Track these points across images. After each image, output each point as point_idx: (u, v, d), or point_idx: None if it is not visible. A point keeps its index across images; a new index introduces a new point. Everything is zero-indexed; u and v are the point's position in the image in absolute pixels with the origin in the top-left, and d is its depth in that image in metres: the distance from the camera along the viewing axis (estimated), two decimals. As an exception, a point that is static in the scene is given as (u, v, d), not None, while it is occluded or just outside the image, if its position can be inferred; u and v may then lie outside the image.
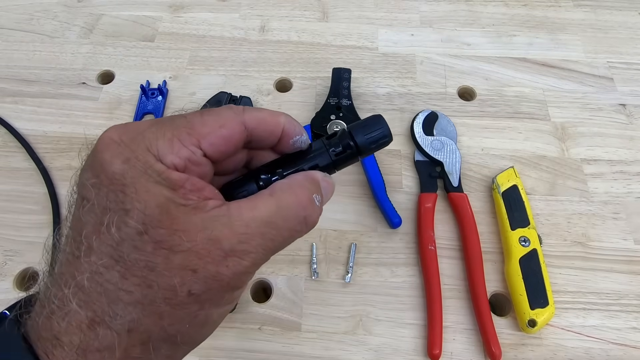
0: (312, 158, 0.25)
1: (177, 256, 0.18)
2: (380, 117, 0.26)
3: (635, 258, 0.47)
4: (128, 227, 0.18)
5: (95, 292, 0.18)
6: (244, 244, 0.20)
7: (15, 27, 0.65)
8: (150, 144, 0.20)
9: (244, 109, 0.23)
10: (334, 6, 0.68)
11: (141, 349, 0.19)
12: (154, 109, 0.56)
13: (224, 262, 0.19)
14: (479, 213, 0.49)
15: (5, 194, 0.51)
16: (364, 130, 0.25)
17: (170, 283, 0.18)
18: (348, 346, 0.42)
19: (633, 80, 0.59)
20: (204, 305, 0.19)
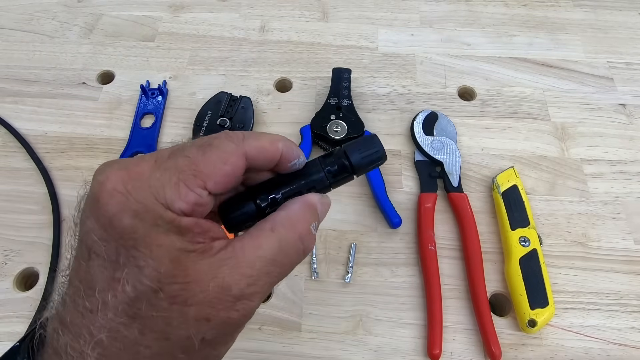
0: (308, 178, 0.25)
1: (192, 309, 0.19)
2: (376, 137, 0.26)
3: (635, 258, 0.47)
4: (143, 286, 0.18)
5: (114, 348, 0.18)
6: (252, 286, 0.20)
7: (15, 27, 0.65)
8: (157, 192, 0.19)
9: (244, 137, 0.23)
10: (334, 6, 0.68)
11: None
12: (154, 109, 0.56)
13: (234, 307, 0.19)
14: (479, 213, 0.49)
15: (5, 194, 0.51)
16: (360, 151, 0.25)
17: (187, 334, 0.19)
18: (348, 346, 0.42)
19: (633, 80, 0.59)
20: (216, 347, 0.20)
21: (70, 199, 0.50)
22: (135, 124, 0.55)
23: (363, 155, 0.25)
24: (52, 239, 0.47)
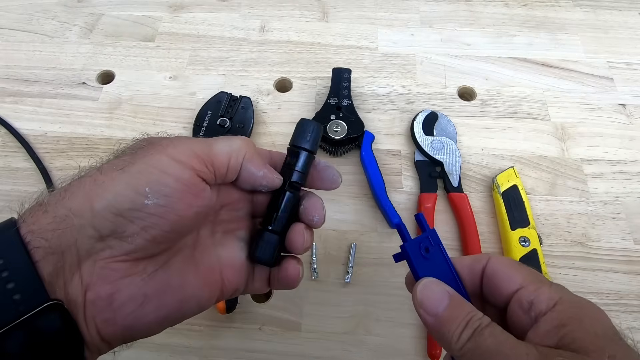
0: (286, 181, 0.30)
1: (143, 140, 0.27)
2: (300, 120, 0.32)
3: (635, 258, 0.47)
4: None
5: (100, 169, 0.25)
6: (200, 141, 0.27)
7: (15, 27, 0.65)
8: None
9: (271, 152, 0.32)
10: (334, 6, 0.68)
11: (77, 178, 0.24)
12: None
13: (170, 140, 0.26)
14: (479, 213, 0.49)
15: (5, 194, 0.51)
16: (301, 136, 0.31)
17: (126, 148, 0.25)
18: (348, 346, 0.42)
19: (633, 80, 0.59)
20: (136, 158, 0.24)
21: (70, 199, 0.50)
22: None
23: (304, 137, 0.31)
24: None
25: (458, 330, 0.23)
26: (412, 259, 0.27)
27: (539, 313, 0.23)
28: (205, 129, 0.53)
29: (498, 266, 0.26)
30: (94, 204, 0.22)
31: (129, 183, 0.22)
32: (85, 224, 0.22)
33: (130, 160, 0.23)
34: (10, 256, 0.21)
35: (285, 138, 0.55)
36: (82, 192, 0.22)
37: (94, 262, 0.23)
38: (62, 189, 0.23)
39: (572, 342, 0.21)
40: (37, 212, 0.22)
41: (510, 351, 0.21)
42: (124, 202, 0.22)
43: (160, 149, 0.24)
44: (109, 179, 0.22)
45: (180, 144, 0.25)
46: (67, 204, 0.22)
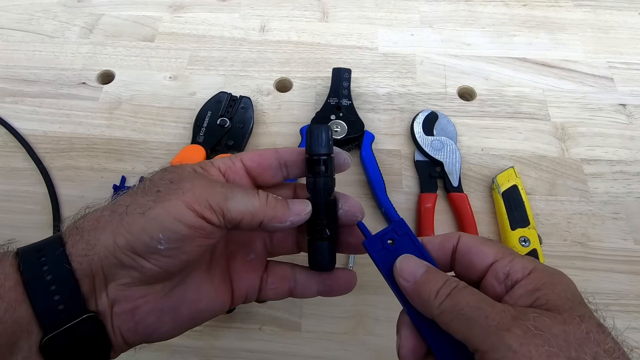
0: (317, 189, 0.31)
1: (168, 174, 0.27)
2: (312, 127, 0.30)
3: (635, 258, 0.47)
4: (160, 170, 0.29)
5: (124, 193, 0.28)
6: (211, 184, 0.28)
7: (15, 27, 0.65)
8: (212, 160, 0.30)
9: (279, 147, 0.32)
10: (334, 6, 0.68)
11: (108, 214, 0.26)
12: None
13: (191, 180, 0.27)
14: (479, 213, 0.49)
15: (5, 194, 0.51)
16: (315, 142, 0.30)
17: (153, 183, 0.27)
18: (348, 346, 0.42)
19: (633, 80, 0.59)
20: (157, 200, 0.26)
21: (70, 199, 0.50)
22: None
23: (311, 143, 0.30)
24: (52, 239, 0.47)
25: (436, 288, 0.25)
26: (371, 254, 0.29)
27: (514, 281, 0.25)
28: (205, 129, 0.53)
29: (471, 242, 0.27)
30: (117, 241, 0.25)
31: (145, 228, 0.25)
32: (110, 255, 0.25)
33: (152, 203, 0.26)
34: (59, 273, 0.25)
35: (285, 138, 0.55)
36: (110, 228, 0.25)
37: (117, 284, 0.26)
38: (95, 217, 0.26)
39: (546, 302, 0.23)
40: (74, 236, 0.26)
41: (489, 307, 0.23)
42: (140, 245, 0.25)
43: (179, 194, 0.26)
44: (131, 220, 0.25)
45: (198, 190, 0.26)
46: (98, 235, 0.25)
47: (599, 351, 0.21)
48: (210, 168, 0.29)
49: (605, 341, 0.21)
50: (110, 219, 0.26)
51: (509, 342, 0.21)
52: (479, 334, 0.22)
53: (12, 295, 0.24)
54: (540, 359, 0.20)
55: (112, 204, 0.27)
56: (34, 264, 0.25)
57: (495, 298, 0.25)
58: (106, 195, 0.50)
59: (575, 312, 0.22)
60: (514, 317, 0.22)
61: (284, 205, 0.28)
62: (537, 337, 0.21)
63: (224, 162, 0.29)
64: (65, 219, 0.49)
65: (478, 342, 0.22)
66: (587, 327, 0.22)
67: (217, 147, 0.52)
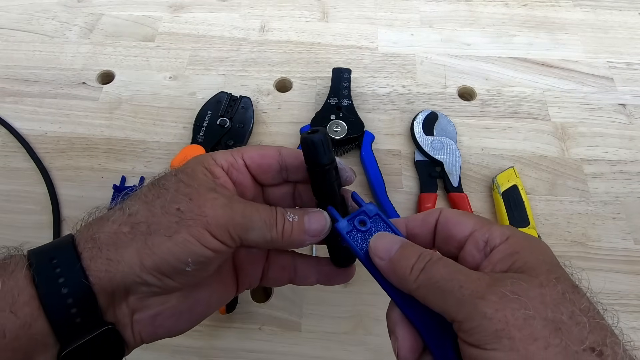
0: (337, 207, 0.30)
1: (186, 189, 0.27)
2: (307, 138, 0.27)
3: (635, 258, 0.47)
4: (170, 173, 0.29)
5: (133, 196, 0.28)
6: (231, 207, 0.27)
7: (15, 27, 0.65)
8: (213, 154, 0.30)
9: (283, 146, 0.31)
10: (334, 6, 0.68)
11: (128, 230, 0.26)
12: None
13: (211, 202, 0.27)
14: (479, 213, 0.49)
15: (5, 194, 0.51)
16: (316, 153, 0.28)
17: (171, 198, 0.27)
18: (348, 346, 0.42)
19: (633, 80, 0.59)
20: (180, 222, 0.26)
21: (70, 198, 0.50)
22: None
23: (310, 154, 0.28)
24: (52, 239, 0.47)
25: (410, 263, 0.25)
26: (343, 235, 0.28)
27: (493, 247, 0.25)
28: (205, 129, 0.53)
29: (450, 215, 0.28)
30: (143, 261, 0.25)
31: (173, 252, 0.25)
32: (134, 274, 0.25)
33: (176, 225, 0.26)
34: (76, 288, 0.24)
35: (285, 138, 0.55)
36: (134, 247, 0.25)
37: (138, 296, 0.26)
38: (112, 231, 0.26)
39: (523, 265, 0.23)
40: (92, 249, 0.26)
41: (464, 277, 0.23)
42: (168, 267, 0.26)
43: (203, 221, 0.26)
44: (157, 242, 0.25)
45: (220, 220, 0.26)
46: (121, 252, 0.25)
47: (574, 310, 0.21)
48: (215, 169, 0.28)
49: (581, 301, 0.22)
50: (133, 237, 0.26)
51: (484, 309, 0.21)
52: (453, 304, 0.22)
53: (27, 311, 0.23)
54: (516, 322, 0.20)
55: (127, 216, 0.26)
56: (49, 277, 0.24)
57: (474, 266, 0.25)
58: (106, 195, 0.50)
59: (552, 275, 0.23)
60: (489, 285, 0.22)
61: (301, 230, 0.28)
62: (513, 302, 0.21)
63: (226, 158, 0.29)
64: (67, 219, 0.49)
65: (454, 313, 0.22)
66: (562, 288, 0.22)
67: (217, 147, 0.52)
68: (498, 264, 0.24)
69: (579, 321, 0.21)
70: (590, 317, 0.21)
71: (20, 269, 0.24)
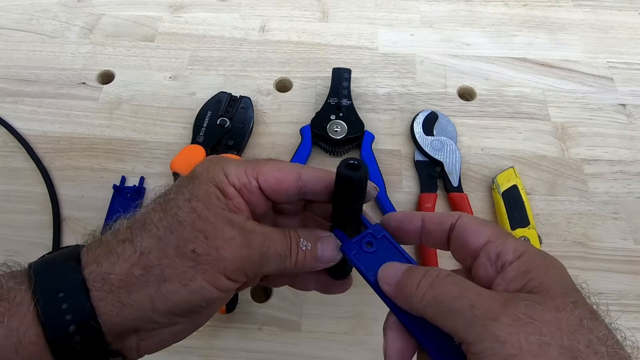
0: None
1: (201, 223, 0.25)
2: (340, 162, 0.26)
3: (635, 258, 0.47)
4: (181, 194, 0.26)
5: (139, 222, 0.26)
6: (247, 245, 0.26)
7: (15, 27, 0.65)
8: (225, 166, 0.28)
9: (303, 166, 0.29)
10: (334, 6, 0.68)
11: (140, 272, 0.25)
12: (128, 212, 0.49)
13: (228, 243, 0.25)
14: (479, 213, 0.49)
15: (5, 194, 0.51)
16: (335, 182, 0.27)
17: (186, 236, 0.25)
18: (348, 346, 0.42)
19: (633, 80, 0.59)
20: (197, 267, 0.25)
21: (70, 199, 0.50)
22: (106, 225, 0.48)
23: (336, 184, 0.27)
24: (52, 239, 0.47)
25: (416, 280, 0.24)
26: (351, 258, 0.28)
27: (505, 262, 0.24)
28: (205, 129, 0.53)
29: (467, 222, 0.27)
30: (156, 306, 0.25)
31: (188, 300, 0.25)
32: (145, 316, 0.25)
33: (191, 271, 0.25)
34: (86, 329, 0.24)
35: (285, 138, 0.55)
36: (146, 292, 0.25)
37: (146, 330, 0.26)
38: (123, 271, 0.25)
39: (539, 285, 0.22)
40: (102, 289, 0.24)
41: (475, 296, 0.22)
42: (182, 311, 0.26)
43: (220, 265, 0.25)
44: (172, 290, 0.25)
45: (238, 261, 0.26)
46: (133, 296, 0.24)
47: (592, 338, 0.20)
48: (227, 189, 0.27)
49: (599, 329, 0.20)
50: (145, 281, 0.25)
51: (496, 332, 0.20)
52: (463, 324, 0.21)
53: (32, 350, 0.23)
54: (530, 348, 0.19)
55: (139, 255, 0.25)
56: (57, 315, 0.23)
57: (487, 281, 0.24)
58: (106, 196, 0.50)
59: (569, 298, 0.22)
60: (502, 305, 0.21)
61: (313, 258, 0.28)
62: (527, 325, 0.20)
63: (239, 178, 0.27)
64: (67, 219, 0.49)
65: (463, 334, 0.21)
66: (580, 313, 0.21)
67: (217, 147, 0.52)
68: (512, 283, 0.23)
69: (596, 350, 0.19)
70: (609, 347, 0.20)
71: (25, 304, 0.23)
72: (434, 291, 0.23)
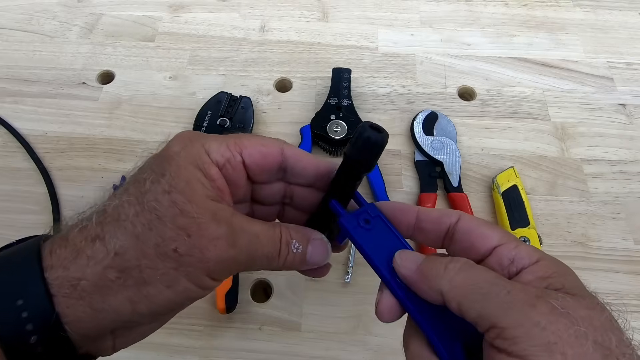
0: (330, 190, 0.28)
1: (183, 219, 0.23)
2: (363, 123, 0.25)
3: (635, 258, 0.47)
4: (158, 185, 0.23)
5: (111, 217, 0.23)
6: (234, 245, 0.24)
7: (15, 27, 0.65)
8: (206, 142, 0.26)
9: (286, 142, 0.28)
10: (334, 6, 0.68)
11: (116, 275, 0.22)
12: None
13: (212, 244, 0.23)
14: (479, 213, 0.49)
15: (5, 194, 0.51)
16: (352, 142, 0.25)
17: (167, 234, 0.23)
18: (348, 346, 0.42)
19: (633, 80, 0.59)
20: (179, 269, 0.23)
21: (70, 198, 0.50)
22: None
23: (353, 144, 0.25)
24: (52, 239, 0.47)
25: (442, 263, 0.23)
26: (350, 231, 0.26)
27: (520, 268, 0.23)
28: (205, 129, 0.53)
29: (472, 224, 0.26)
30: (137, 309, 0.23)
31: (173, 300, 0.24)
32: (124, 320, 0.23)
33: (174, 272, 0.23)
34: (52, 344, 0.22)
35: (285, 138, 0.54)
36: (124, 294, 0.23)
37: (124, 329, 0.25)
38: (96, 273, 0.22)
39: (562, 287, 0.22)
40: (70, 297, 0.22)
41: (509, 284, 0.21)
42: (166, 311, 0.24)
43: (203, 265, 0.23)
44: (155, 292, 0.23)
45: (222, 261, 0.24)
46: (108, 300, 0.22)
47: (621, 339, 0.20)
48: (210, 170, 0.25)
49: (623, 332, 0.21)
50: (122, 284, 0.22)
51: (536, 317, 0.19)
52: (499, 309, 0.20)
53: None
54: (569, 339, 0.19)
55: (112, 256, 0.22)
56: (15, 325, 0.21)
57: None
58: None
59: (595, 299, 0.22)
60: (538, 295, 0.21)
61: (302, 261, 0.27)
62: (564, 316, 0.20)
63: (223, 153, 0.26)
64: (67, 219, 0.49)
65: (497, 318, 0.20)
66: (609, 314, 0.21)
67: (217, 147, 0.52)
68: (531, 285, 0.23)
69: (624, 352, 0.20)
70: (634, 350, 0.20)
71: None
72: (466, 274, 0.22)
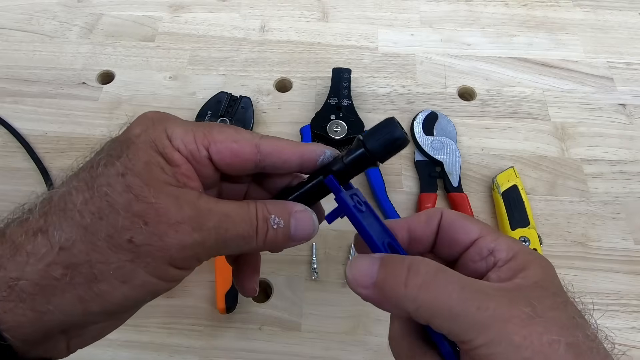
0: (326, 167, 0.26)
1: (139, 205, 0.21)
2: (392, 119, 0.25)
3: (635, 258, 0.47)
4: (112, 167, 0.21)
5: (57, 207, 0.21)
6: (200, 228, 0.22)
7: (15, 27, 0.65)
8: (170, 127, 0.23)
9: (263, 136, 0.25)
10: (334, 6, 0.68)
11: (61, 272, 0.20)
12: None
13: (174, 227, 0.21)
14: (479, 213, 0.49)
15: (5, 194, 0.51)
16: (375, 135, 0.25)
17: (120, 223, 0.20)
18: (348, 346, 0.42)
19: (633, 80, 0.59)
20: (136, 261, 0.20)
21: (70, 199, 0.50)
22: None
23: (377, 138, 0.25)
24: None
25: (401, 279, 0.21)
26: (351, 208, 0.24)
27: (499, 260, 0.23)
28: (205, 129, 0.53)
29: (454, 217, 0.26)
30: (88, 308, 0.21)
31: (130, 297, 0.21)
32: (74, 321, 0.21)
33: (130, 264, 0.20)
34: None
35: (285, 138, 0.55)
36: (73, 293, 0.20)
37: (78, 329, 0.23)
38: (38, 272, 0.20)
39: (532, 284, 0.22)
40: (7, 300, 0.20)
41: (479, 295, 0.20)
42: (124, 309, 0.22)
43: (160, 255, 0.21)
44: (108, 289, 0.21)
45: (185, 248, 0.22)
46: (54, 302, 0.20)
47: (587, 335, 0.20)
48: (172, 154, 0.22)
49: (587, 326, 0.21)
50: (70, 282, 0.20)
51: (511, 336, 0.19)
52: (469, 327, 0.20)
53: None
54: (542, 349, 0.19)
55: (57, 251, 0.20)
56: None
57: (477, 275, 0.23)
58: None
59: (559, 297, 0.22)
60: (510, 302, 0.20)
61: (286, 237, 0.24)
62: (537, 325, 0.19)
63: (187, 143, 0.23)
64: None
65: (469, 336, 0.20)
66: (572, 311, 0.21)
67: (217, 147, 0.52)
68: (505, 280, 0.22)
69: (591, 346, 0.20)
70: (599, 344, 0.20)
71: None
72: (429, 293, 0.20)
